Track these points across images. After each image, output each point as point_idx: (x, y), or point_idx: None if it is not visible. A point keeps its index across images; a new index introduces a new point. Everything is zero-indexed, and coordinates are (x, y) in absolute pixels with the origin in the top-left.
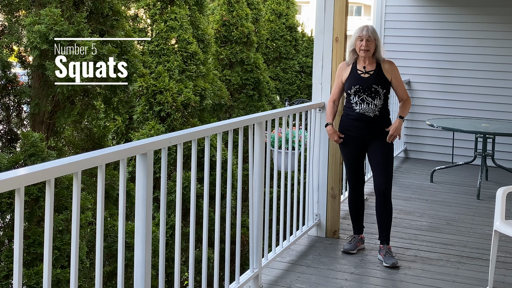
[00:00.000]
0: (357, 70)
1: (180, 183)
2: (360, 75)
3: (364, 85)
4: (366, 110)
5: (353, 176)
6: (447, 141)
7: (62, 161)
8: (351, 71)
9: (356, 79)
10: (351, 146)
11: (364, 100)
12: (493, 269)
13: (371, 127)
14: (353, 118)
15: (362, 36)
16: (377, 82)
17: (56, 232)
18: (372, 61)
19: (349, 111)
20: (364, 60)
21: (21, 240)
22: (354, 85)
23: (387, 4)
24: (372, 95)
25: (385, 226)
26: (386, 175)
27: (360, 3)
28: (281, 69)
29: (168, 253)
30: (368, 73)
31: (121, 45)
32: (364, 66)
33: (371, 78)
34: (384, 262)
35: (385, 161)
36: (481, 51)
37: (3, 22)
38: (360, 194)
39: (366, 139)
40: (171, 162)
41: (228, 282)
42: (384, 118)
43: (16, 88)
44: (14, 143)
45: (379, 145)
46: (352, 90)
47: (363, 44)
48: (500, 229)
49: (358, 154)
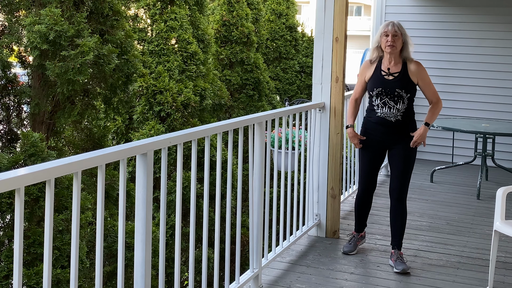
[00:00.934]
0: (381, 70)
1: (180, 183)
2: (384, 77)
3: (387, 88)
4: (388, 114)
5: (366, 180)
6: (447, 141)
7: (62, 161)
8: (374, 70)
9: (379, 81)
10: (370, 150)
11: (386, 104)
12: (493, 269)
13: (392, 132)
14: (374, 121)
15: (388, 31)
16: (401, 86)
17: (56, 232)
18: (398, 61)
19: (371, 114)
20: (390, 59)
21: (21, 240)
22: (376, 87)
23: (387, 4)
24: (394, 99)
25: (398, 231)
26: (403, 180)
27: (360, 3)
28: (281, 69)
29: (168, 253)
30: (393, 75)
31: (121, 45)
32: (389, 67)
33: (395, 81)
34: (395, 268)
35: (404, 166)
36: (481, 51)
37: (3, 22)
38: (369, 196)
39: (387, 144)
40: (171, 162)
41: (228, 282)
42: (408, 122)
43: (16, 88)
44: (14, 143)
45: (400, 149)
46: (374, 92)
47: (389, 39)
48: (500, 229)
49: (376, 159)
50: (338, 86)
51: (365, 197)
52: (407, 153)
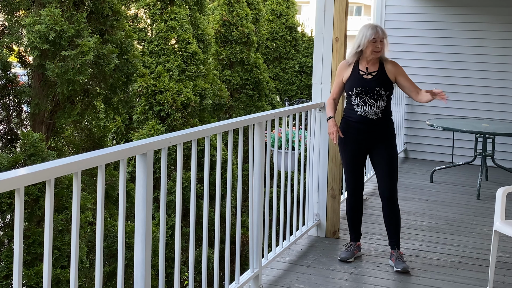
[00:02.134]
0: (359, 70)
1: (180, 183)
2: (362, 76)
3: (366, 87)
4: (369, 112)
5: (352, 180)
6: (447, 141)
7: (62, 161)
8: (352, 71)
9: (358, 81)
10: (352, 150)
11: (366, 102)
12: (493, 269)
13: (374, 130)
14: (355, 121)
15: (377, 37)
16: (380, 84)
17: (56, 232)
18: (376, 61)
19: (351, 113)
20: (368, 60)
21: (21, 240)
22: (355, 87)
23: (387, 4)
24: (374, 97)
25: (394, 230)
26: (392, 179)
27: (360, 3)
28: (281, 69)
29: (168, 253)
30: (371, 74)
31: (121, 45)
32: (367, 67)
33: (374, 79)
34: (395, 267)
35: (390, 165)
36: (481, 51)
37: (3, 22)
38: (359, 199)
39: (369, 143)
40: (171, 162)
41: (228, 282)
42: (387, 119)
43: (16, 88)
44: (14, 143)
45: (383, 148)
46: (353, 92)
47: (378, 46)
48: (500, 229)
49: (359, 158)
50: None
51: (355, 200)
52: (391, 152)
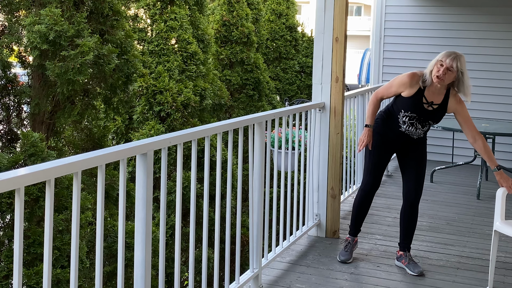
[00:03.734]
0: (424, 97)
1: (180, 183)
2: (423, 105)
3: (421, 117)
4: (412, 132)
5: (372, 179)
6: (447, 141)
7: (62, 161)
8: (417, 93)
9: (417, 108)
10: (383, 153)
11: (414, 125)
12: (493, 269)
13: (412, 144)
14: (395, 132)
15: (444, 62)
16: (435, 117)
17: (56, 232)
18: (442, 91)
19: (393, 124)
20: (435, 89)
21: (21, 240)
22: (411, 112)
23: (387, 4)
24: (423, 124)
25: (410, 233)
26: (419, 184)
27: (360, 3)
28: (281, 69)
29: (168, 253)
30: (432, 106)
31: (121, 45)
32: (432, 100)
33: (432, 113)
34: (411, 271)
35: (420, 170)
36: (481, 51)
37: (3, 22)
38: (372, 196)
39: (401, 148)
40: (171, 162)
41: (228, 282)
42: (426, 135)
43: (16, 88)
44: (14, 143)
45: (414, 153)
46: (406, 114)
47: (441, 71)
48: (500, 229)
49: (387, 160)
50: (338, 86)
51: (368, 197)
52: (422, 157)
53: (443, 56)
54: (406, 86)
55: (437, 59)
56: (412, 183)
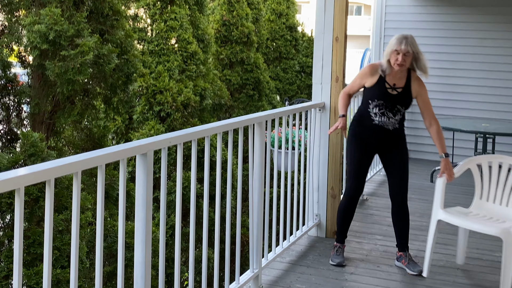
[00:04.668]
0: (386, 83)
1: (180, 183)
2: (387, 90)
3: (388, 102)
4: (386, 123)
5: (356, 184)
6: (447, 141)
7: (62, 161)
8: (378, 80)
9: (381, 93)
10: (363, 155)
11: (385, 114)
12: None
13: (389, 138)
14: (370, 127)
15: (400, 50)
16: (402, 102)
17: (56, 232)
18: (404, 75)
19: (366, 120)
20: (396, 73)
21: (21, 240)
22: (377, 99)
23: (387, 4)
24: (393, 112)
25: (404, 232)
26: (405, 184)
27: (360, 3)
28: (281, 69)
29: (168, 253)
30: (396, 89)
31: (121, 45)
32: (394, 83)
33: (398, 96)
34: (410, 270)
35: (403, 170)
36: (481, 51)
37: (3, 21)
38: (356, 202)
39: (382, 148)
40: (171, 162)
41: (228, 282)
42: (402, 127)
43: (16, 88)
44: (14, 143)
45: (396, 152)
46: (373, 103)
47: (399, 58)
48: (444, 218)
49: (369, 162)
50: (338, 86)
51: (353, 202)
52: (404, 155)
53: (395, 44)
54: (367, 76)
55: (392, 49)
56: (396, 180)
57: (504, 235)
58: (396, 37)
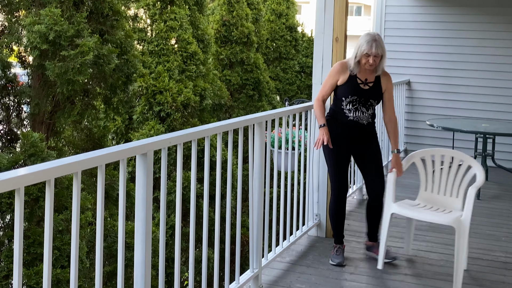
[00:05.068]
0: (357, 78)
1: (180, 183)
2: (360, 85)
3: (361, 97)
4: (360, 118)
5: (341, 184)
6: (447, 141)
7: (62, 161)
8: (350, 77)
9: (355, 89)
10: (342, 152)
11: (359, 109)
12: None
13: (364, 134)
14: (345, 124)
15: (371, 53)
16: (374, 96)
17: (56, 232)
18: (373, 71)
19: (341, 117)
20: (365, 70)
21: (21, 240)
22: (351, 95)
23: (387, 4)
24: (366, 106)
25: (378, 224)
26: (382, 177)
27: (360, 3)
28: (281, 69)
29: (168, 253)
30: (368, 84)
31: (121, 45)
32: (366, 78)
33: (370, 91)
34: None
35: (379, 163)
36: (481, 51)
37: (3, 22)
38: (345, 201)
39: (358, 145)
40: (171, 162)
41: (228, 282)
42: (374, 123)
43: (16, 88)
44: (14, 143)
45: (372, 148)
46: (347, 99)
47: (370, 60)
48: (397, 211)
49: (348, 160)
50: None
51: (342, 202)
52: (379, 152)
53: (366, 47)
54: (339, 73)
55: (362, 51)
56: (374, 175)
57: (456, 224)
58: (365, 39)
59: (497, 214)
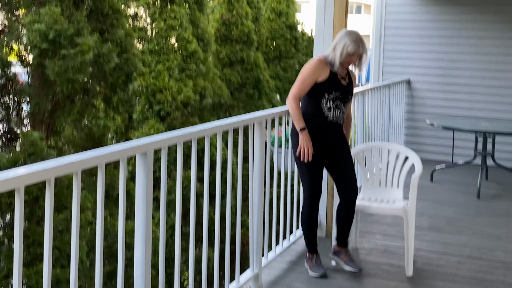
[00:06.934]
0: (338, 74)
1: (180, 182)
2: (341, 82)
3: (343, 93)
4: (339, 117)
5: (316, 187)
6: (447, 140)
7: (62, 160)
8: (330, 73)
9: (337, 86)
10: (319, 156)
11: (338, 107)
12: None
13: (339, 134)
14: (324, 126)
15: (357, 53)
16: (351, 92)
17: (56, 232)
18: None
19: (319, 119)
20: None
21: (21, 240)
22: (335, 91)
23: (387, 3)
24: (344, 103)
25: (348, 229)
26: (354, 178)
27: (360, 2)
28: (281, 68)
29: (168, 253)
30: (345, 80)
31: (121, 44)
32: (342, 75)
33: (347, 86)
34: (349, 267)
35: (350, 166)
36: (481, 50)
37: (3, 21)
38: (317, 207)
39: (336, 147)
40: (171, 162)
41: (228, 282)
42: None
43: (16, 87)
44: (14, 142)
45: (345, 150)
46: (330, 96)
47: (354, 59)
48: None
49: (323, 164)
50: None
51: (315, 208)
52: (349, 153)
53: (353, 47)
54: (320, 69)
55: (347, 51)
56: (347, 178)
57: (403, 213)
58: (351, 39)
59: (497, 214)
